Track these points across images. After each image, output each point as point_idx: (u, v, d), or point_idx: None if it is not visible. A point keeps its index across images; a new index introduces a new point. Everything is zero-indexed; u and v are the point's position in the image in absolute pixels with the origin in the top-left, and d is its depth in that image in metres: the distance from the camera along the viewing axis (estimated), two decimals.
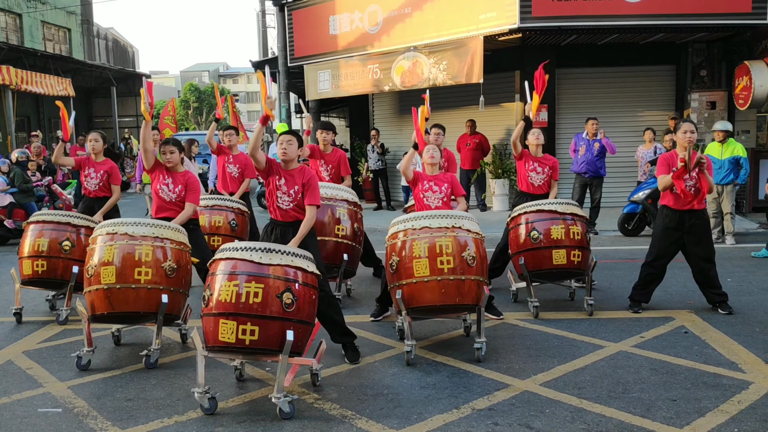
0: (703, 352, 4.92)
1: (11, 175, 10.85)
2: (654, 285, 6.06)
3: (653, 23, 10.65)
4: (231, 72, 73.12)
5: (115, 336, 5.42)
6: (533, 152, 6.67)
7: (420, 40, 11.98)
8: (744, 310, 5.99)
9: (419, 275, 4.67)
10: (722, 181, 9.06)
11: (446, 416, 3.89)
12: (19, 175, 10.86)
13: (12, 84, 17.53)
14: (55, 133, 22.23)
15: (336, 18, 13.50)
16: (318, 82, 13.96)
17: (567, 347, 5.11)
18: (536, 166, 6.61)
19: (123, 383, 4.55)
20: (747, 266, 7.87)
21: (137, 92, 29.55)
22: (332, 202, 6.36)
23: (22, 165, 11.52)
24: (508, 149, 13.16)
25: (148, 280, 4.73)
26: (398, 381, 4.47)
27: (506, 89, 12.83)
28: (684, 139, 5.75)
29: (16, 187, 10.72)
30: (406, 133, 14.77)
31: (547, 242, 5.87)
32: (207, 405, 3.98)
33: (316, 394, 4.26)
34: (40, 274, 6.02)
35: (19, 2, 23.81)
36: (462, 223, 4.77)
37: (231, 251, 4.02)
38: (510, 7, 10.59)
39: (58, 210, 9.04)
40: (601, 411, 3.92)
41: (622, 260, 8.38)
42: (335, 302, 4.84)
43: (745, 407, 3.93)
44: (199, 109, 46.85)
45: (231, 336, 3.84)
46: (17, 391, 4.44)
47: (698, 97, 11.92)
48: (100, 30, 30.75)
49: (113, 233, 4.79)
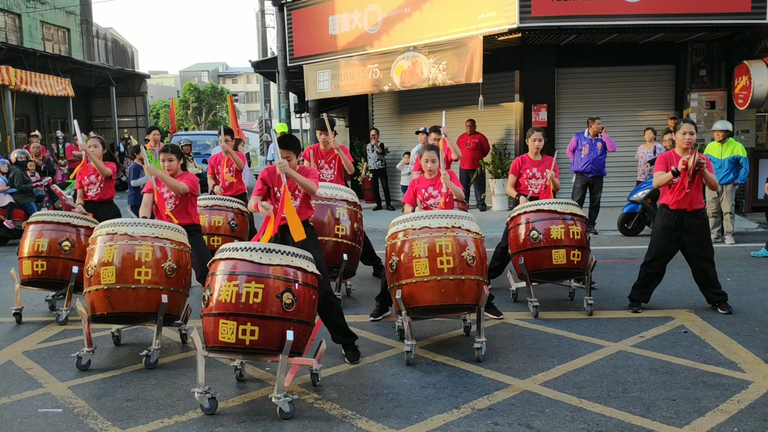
0: (702, 352, 4.92)
1: (11, 175, 10.84)
2: (654, 285, 6.06)
3: (653, 23, 10.66)
4: (230, 72, 73.07)
5: (114, 336, 5.42)
6: (533, 156, 6.54)
7: (419, 39, 11.99)
8: (743, 309, 5.99)
9: (419, 275, 4.67)
10: (722, 181, 9.06)
11: (446, 416, 3.90)
12: (19, 176, 10.85)
13: (11, 84, 17.53)
14: (55, 133, 22.23)
15: (335, 18, 13.50)
16: (317, 82, 13.97)
17: (567, 347, 5.11)
18: (535, 172, 6.47)
19: (123, 383, 4.55)
20: (746, 266, 7.88)
21: (136, 92, 29.63)
22: (332, 202, 6.37)
23: (21, 165, 11.51)
24: (507, 149, 13.18)
25: (147, 280, 4.73)
26: (398, 381, 4.48)
27: (506, 89, 12.84)
28: (683, 141, 5.75)
29: (15, 187, 10.70)
30: (406, 132, 14.79)
31: (547, 242, 5.87)
32: (207, 405, 3.98)
33: (316, 394, 4.26)
34: (40, 274, 6.02)
35: (19, 2, 23.80)
36: (462, 223, 4.77)
37: (231, 251, 4.02)
38: (509, 6, 10.59)
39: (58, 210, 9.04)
40: (601, 411, 3.92)
41: (621, 260, 8.38)
42: (337, 303, 4.84)
43: (744, 407, 3.93)
44: (198, 109, 46.82)
45: (231, 336, 3.84)
46: (17, 392, 4.44)
47: (698, 97, 11.94)
48: (100, 30, 30.73)
49: (113, 233, 4.80)
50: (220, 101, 47.04)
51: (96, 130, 23.67)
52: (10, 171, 10.95)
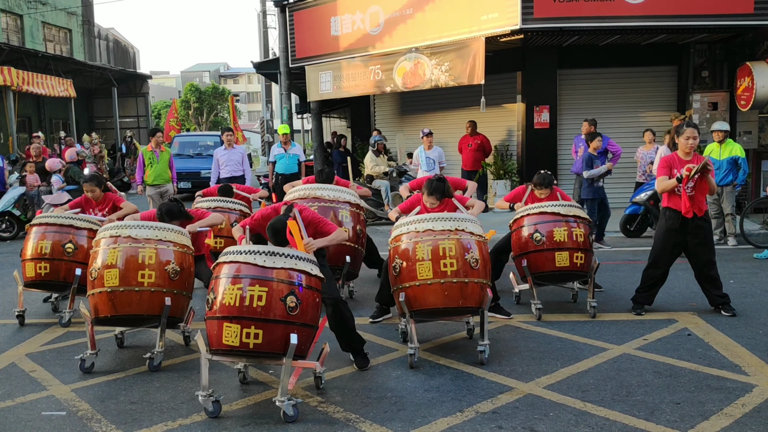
0: (706, 355, 4.91)
1: (69, 173, 11.46)
2: (657, 287, 6.05)
3: (655, 24, 10.64)
4: (232, 72, 73.10)
5: (118, 339, 5.42)
6: (539, 195, 6.44)
7: (422, 41, 11.98)
8: (747, 312, 5.99)
9: (422, 278, 4.67)
10: (721, 182, 9.07)
11: (450, 419, 3.89)
12: (78, 173, 11.61)
13: (13, 85, 17.54)
14: (57, 134, 22.27)
15: (337, 19, 13.49)
16: (319, 83, 13.96)
17: (570, 349, 5.11)
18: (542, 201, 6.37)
19: (127, 386, 4.55)
20: (750, 268, 7.87)
21: (138, 93, 29.65)
22: (334, 204, 6.37)
23: (78, 164, 12.53)
24: (509, 150, 13.17)
25: (151, 282, 4.73)
26: (402, 384, 4.47)
27: (508, 90, 12.84)
28: (686, 145, 5.75)
29: (76, 183, 11.26)
30: (407, 133, 14.78)
31: (550, 244, 5.86)
32: (211, 408, 3.98)
33: (319, 397, 4.26)
34: (43, 276, 6.00)
35: (20, 3, 23.82)
36: (465, 225, 4.77)
37: (235, 254, 4.02)
38: (512, 8, 10.58)
39: None
40: (605, 414, 3.91)
41: (624, 262, 8.37)
42: (348, 311, 4.70)
43: (749, 410, 3.92)
44: (199, 110, 46.84)
45: (235, 339, 3.84)
46: (21, 394, 4.44)
47: (700, 98, 11.91)
48: (101, 31, 30.77)
49: (116, 236, 4.79)
50: (222, 101, 47.06)
51: (98, 131, 23.71)
52: (68, 169, 11.60)
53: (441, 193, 5.44)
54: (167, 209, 5.37)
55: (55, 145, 19.40)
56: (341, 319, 4.61)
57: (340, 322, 4.62)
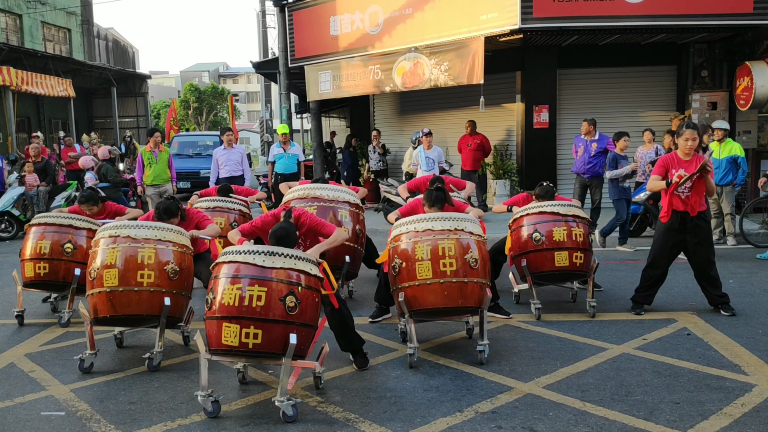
0: (705, 355, 4.91)
1: (102, 170, 11.51)
2: (656, 287, 6.05)
3: (654, 24, 10.65)
4: (231, 72, 73.06)
5: (117, 339, 5.42)
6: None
7: (421, 40, 11.98)
8: (746, 311, 5.99)
9: (422, 278, 4.67)
10: (721, 182, 9.07)
11: (450, 419, 3.89)
12: (111, 171, 11.65)
13: (12, 85, 17.52)
14: (56, 134, 22.24)
15: (337, 19, 13.49)
16: (319, 83, 13.95)
17: (569, 349, 5.11)
18: None
19: (126, 386, 4.55)
20: (749, 267, 7.87)
21: (137, 92, 29.64)
22: (333, 203, 6.35)
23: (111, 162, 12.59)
24: (509, 150, 13.17)
25: (150, 282, 4.72)
26: (401, 384, 4.47)
27: (507, 90, 12.84)
28: (685, 147, 5.75)
29: (108, 181, 11.31)
30: (407, 134, 14.78)
31: (549, 244, 5.86)
32: (210, 408, 3.97)
33: (319, 397, 4.25)
34: (42, 276, 6.00)
35: (19, 3, 23.81)
36: (465, 225, 4.76)
37: (234, 254, 4.01)
38: (511, 7, 10.58)
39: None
40: (605, 414, 3.91)
41: (623, 261, 8.38)
42: (347, 311, 4.70)
43: (748, 410, 3.92)
44: (199, 110, 46.82)
45: (234, 339, 3.83)
46: (20, 395, 4.44)
47: (699, 98, 11.92)
48: (100, 30, 30.75)
49: (116, 236, 4.79)
50: (221, 101, 47.04)
51: (97, 131, 23.69)
52: (101, 167, 11.62)
53: (442, 203, 5.44)
54: (165, 207, 5.36)
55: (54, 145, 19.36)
56: (341, 318, 4.61)
57: (339, 321, 4.62)
